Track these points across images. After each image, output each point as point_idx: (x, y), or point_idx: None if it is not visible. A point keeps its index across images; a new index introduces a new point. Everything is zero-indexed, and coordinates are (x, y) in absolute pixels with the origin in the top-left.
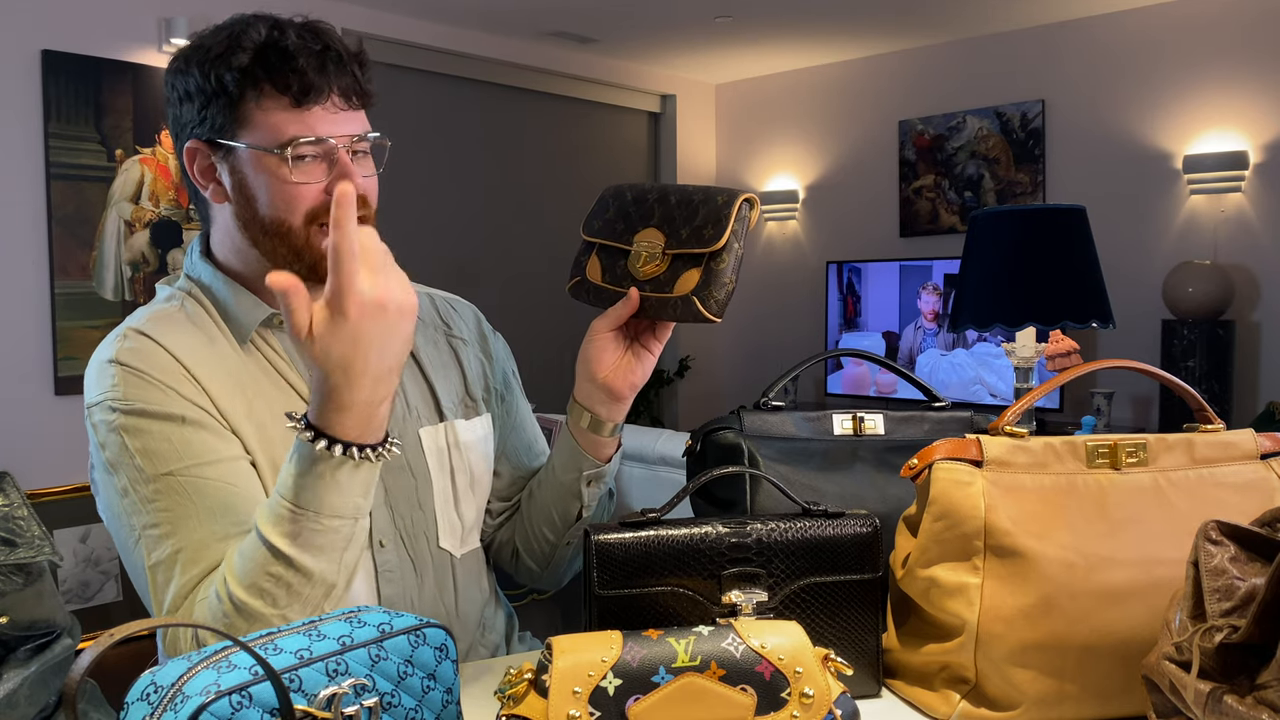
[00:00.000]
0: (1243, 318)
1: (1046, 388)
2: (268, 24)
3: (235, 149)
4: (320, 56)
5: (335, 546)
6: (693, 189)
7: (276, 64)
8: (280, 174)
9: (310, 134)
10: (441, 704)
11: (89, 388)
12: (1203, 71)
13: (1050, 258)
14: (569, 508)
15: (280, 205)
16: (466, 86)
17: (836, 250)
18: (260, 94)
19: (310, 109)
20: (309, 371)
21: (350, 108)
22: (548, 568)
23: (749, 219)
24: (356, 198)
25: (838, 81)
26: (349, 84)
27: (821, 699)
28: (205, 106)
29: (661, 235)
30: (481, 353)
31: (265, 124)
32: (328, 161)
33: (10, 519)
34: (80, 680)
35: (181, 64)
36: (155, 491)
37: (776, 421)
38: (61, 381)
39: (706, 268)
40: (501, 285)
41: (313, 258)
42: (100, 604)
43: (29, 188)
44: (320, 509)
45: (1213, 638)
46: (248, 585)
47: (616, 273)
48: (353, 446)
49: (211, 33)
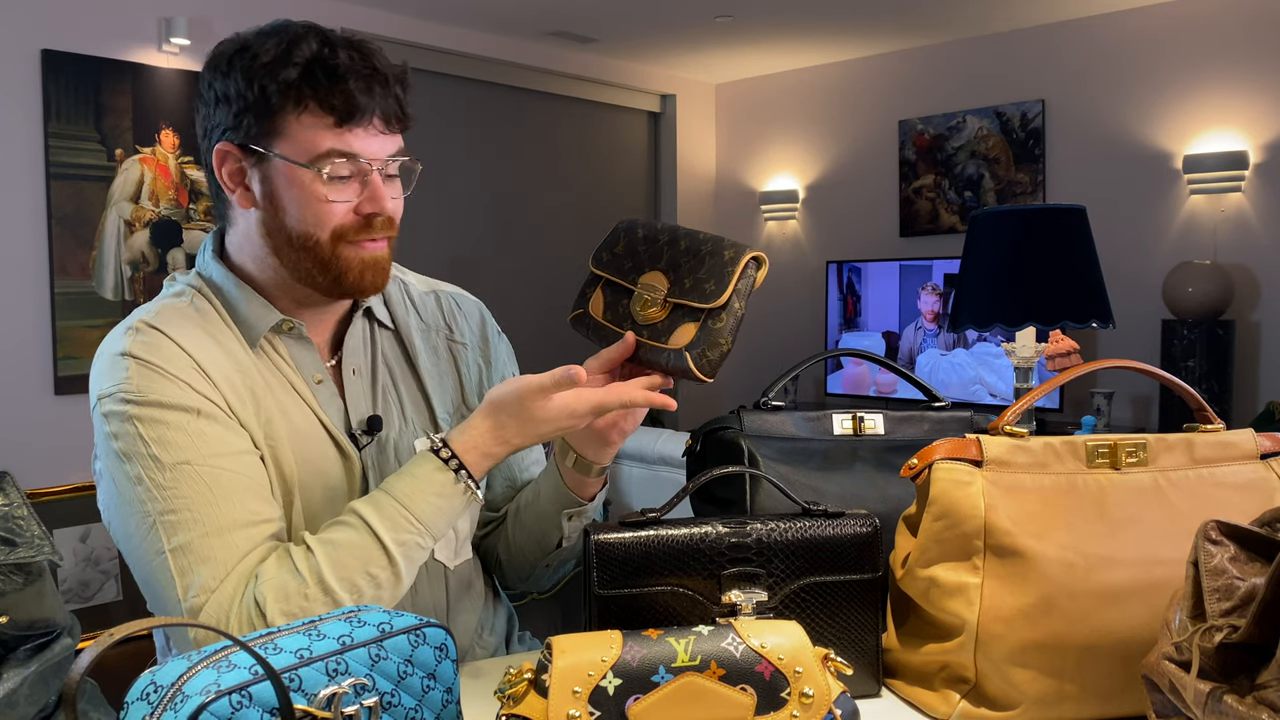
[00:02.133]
0: (1243, 318)
1: (1046, 388)
2: (318, 39)
3: (269, 158)
4: (368, 79)
5: (419, 561)
6: (704, 237)
7: (325, 83)
8: (314, 190)
9: (348, 151)
10: (441, 703)
11: (98, 379)
12: (1203, 71)
13: (1050, 258)
14: (549, 536)
15: (310, 220)
16: (466, 86)
17: (836, 250)
18: (303, 109)
19: (352, 129)
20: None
21: (389, 131)
22: (528, 580)
23: (755, 279)
24: (386, 220)
25: (838, 81)
26: (391, 107)
27: (821, 699)
28: (244, 112)
29: (666, 281)
30: (481, 357)
31: (303, 138)
32: (360, 181)
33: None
34: (80, 680)
35: (224, 66)
36: (172, 480)
37: (776, 421)
38: (61, 381)
39: (704, 325)
40: (500, 285)
41: (338, 270)
42: (100, 603)
43: (29, 187)
44: (436, 532)
45: (1212, 637)
46: (341, 577)
47: (618, 311)
48: (471, 479)
49: (258, 37)
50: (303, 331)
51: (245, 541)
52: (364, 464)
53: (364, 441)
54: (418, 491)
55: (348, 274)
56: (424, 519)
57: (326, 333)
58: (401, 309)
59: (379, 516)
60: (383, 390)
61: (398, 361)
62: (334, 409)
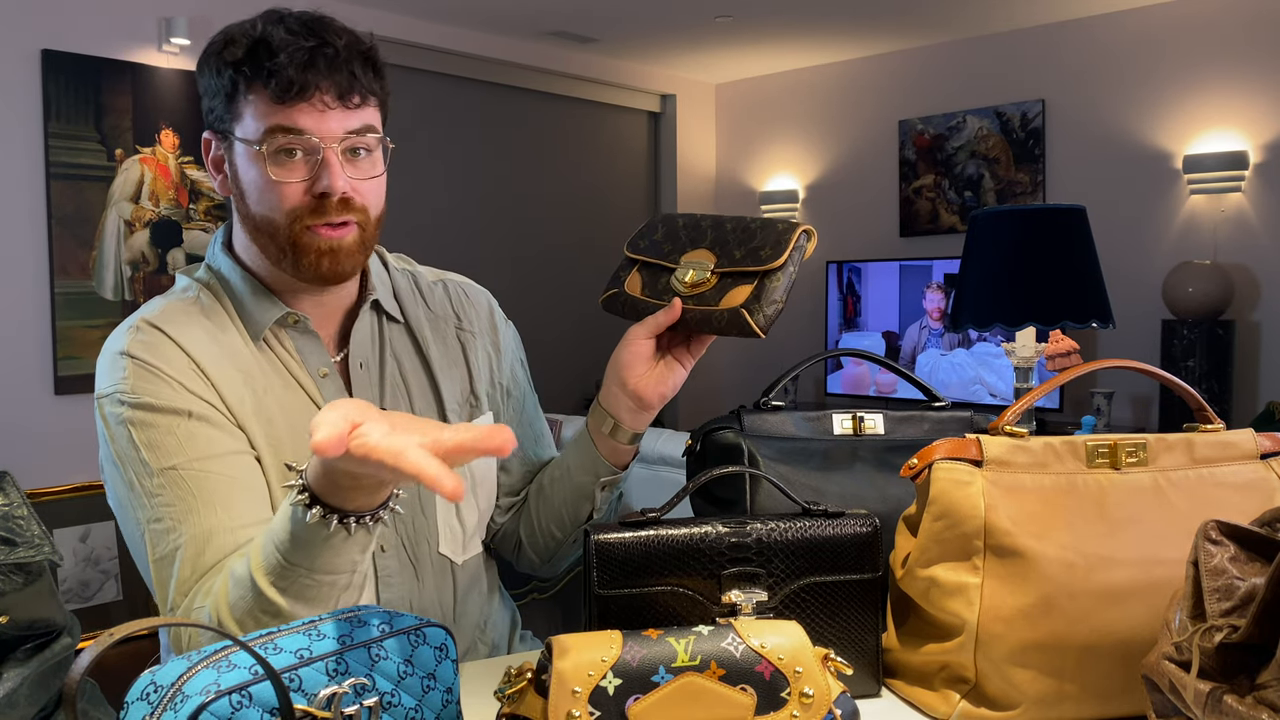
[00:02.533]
0: (1242, 318)
1: (1046, 387)
2: (268, 19)
3: (232, 141)
4: (311, 52)
5: (329, 596)
6: (750, 219)
7: (264, 60)
8: (262, 170)
9: (292, 126)
10: (441, 704)
11: (100, 378)
12: (1203, 71)
13: (1050, 258)
14: (580, 509)
15: (266, 203)
16: (466, 86)
17: (836, 250)
18: (250, 89)
19: (295, 105)
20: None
21: (346, 106)
22: (550, 561)
23: (805, 249)
24: (340, 201)
25: (838, 81)
26: (343, 80)
27: (821, 699)
28: (213, 97)
29: (712, 256)
30: (490, 345)
31: (251, 118)
32: (311, 160)
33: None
34: (80, 679)
35: (203, 57)
36: (159, 485)
37: (776, 421)
38: (61, 381)
39: (760, 284)
40: (500, 285)
41: (295, 255)
42: (100, 603)
43: (29, 187)
44: (314, 567)
45: (1212, 637)
46: (238, 619)
47: (657, 287)
48: (350, 518)
49: (230, 27)
50: (308, 325)
51: (217, 552)
52: None
53: None
54: (284, 531)
55: (303, 258)
56: (300, 560)
57: (333, 326)
58: (410, 300)
59: (255, 556)
60: (391, 384)
61: (407, 354)
62: None
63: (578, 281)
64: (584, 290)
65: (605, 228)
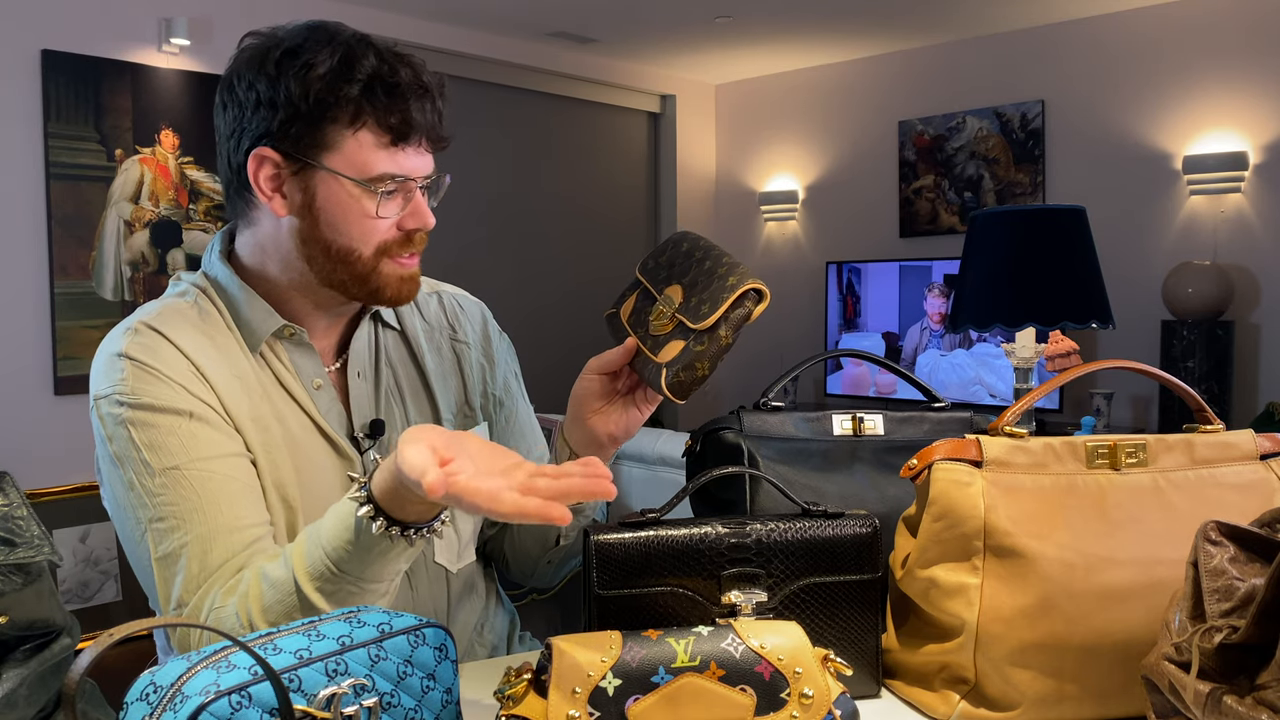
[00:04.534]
0: (1242, 318)
1: (1046, 388)
2: (374, 53)
3: (316, 169)
4: (421, 97)
5: (371, 603)
6: (725, 260)
7: (384, 100)
8: (363, 206)
9: (400, 173)
10: (441, 704)
11: (96, 379)
12: (1203, 72)
13: (1050, 258)
14: (548, 533)
15: (356, 235)
16: (466, 86)
17: (836, 250)
18: (361, 125)
19: (404, 149)
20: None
21: (432, 149)
22: (532, 577)
23: (751, 312)
24: (423, 234)
25: (838, 81)
26: (437, 125)
27: (821, 699)
28: (292, 120)
29: (681, 296)
30: (484, 355)
31: (357, 155)
32: (403, 197)
33: (10, 519)
34: (80, 680)
35: (271, 69)
36: (161, 485)
37: (776, 422)
38: (61, 381)
39: (688, 345)
40: (500, 285)
41: (376, 284)
42: (100, 604)
43: (29, 187)
44: (364, 575)
45: (1212, 638)
46: (272, 620)
47: (640, 318)
48: (410, 529)
49: (307, 42)
50: (303, 337)
51: (225, 550)
52: (366, 467)
53: (366, 445)
54: (339, 540)
55: (385, 288)
56: (351, 569)
57: (334, 336)
58: (407, 311)
59: (300, 561)
60: (386, 392)
61: (402, 362)
62: (335, 414)
63: (577, 282)
64: (583, 290)
65: (604, 228)
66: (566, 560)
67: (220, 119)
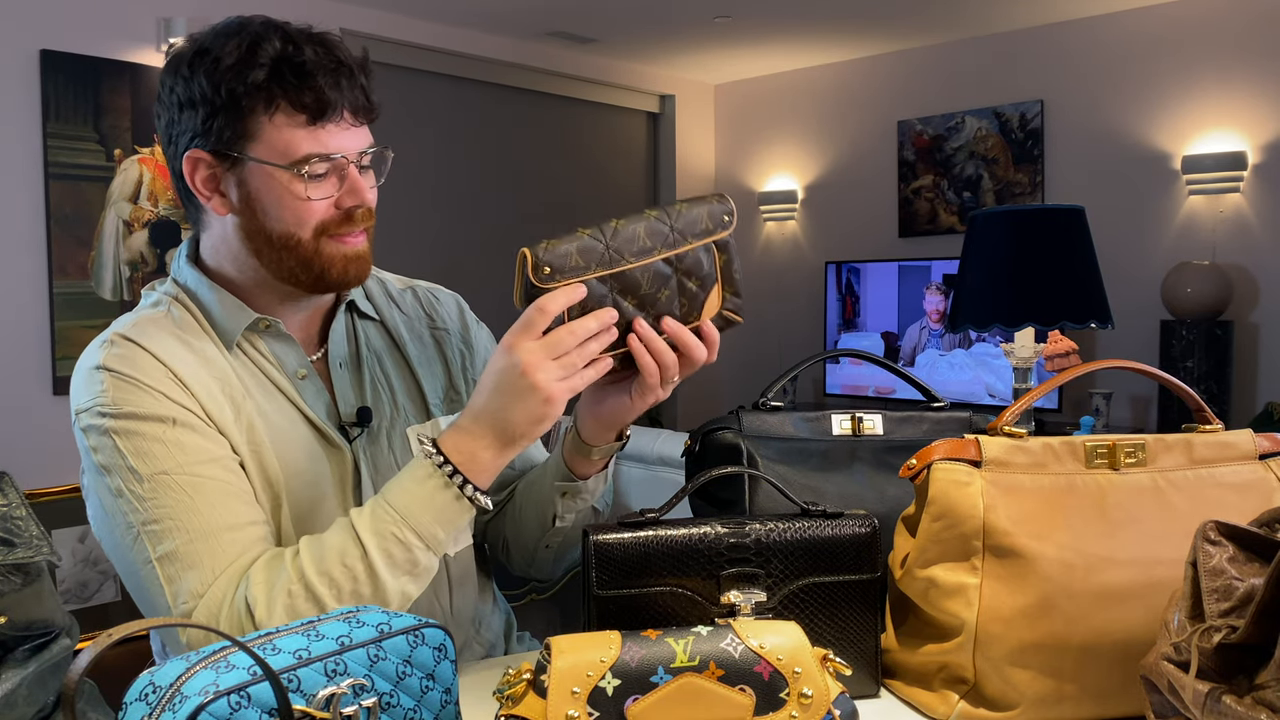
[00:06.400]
0: (1241, 318)
1: (1045, 388)
2: (280, 35)
3: (244, 161)
4: (335, 73)
5: (403, 566)
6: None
7: (294, 81)
8: (294, 190)
9: (325, 151)
10: (440, 704)
11: (77, 394)
12: (1202, 71)
13: (1049, 258)
14: (545, 512)
15: (291, 220)
16: (466, 86)
17: (835, 250)
18: (274, 109)
19: (324, 126)
20: (480, 397)
21: (359, 123)
22: (532, 565)
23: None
24: (366, 211)
25: (837, 81)
26: (359, 99)
27: (820, 699)
28: (211, 117)
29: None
30: (463, 342)
31: (278, 140)
32: (337, 175)
33: (9, 519)
34: (79, 680)
35: (185, 70)
36: (151, 490)
37: (775, 422)
38: (60, 381)
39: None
40: (499, 285)
41: (320, 266)
42: (99, 604)
43: (28, 188)
44: (417, 526)
45: (1211, 638)
46: (321, 571)
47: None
48: (469, 484)
49: (216, 38)
50: (280, 328)
51: (232, 545)
52: (355, 456)
53: (354, 433)
54: (403, 489)
55: (331, 269)
56: (411, 519)
57: (312, 327)
58: (384, 303)
59: (366, 517)
60: (371, 380)
61: (385, 351)
62: (320, 403)
63: None
64: None
65: None
66: (565, 550)
67: (158, 129)
